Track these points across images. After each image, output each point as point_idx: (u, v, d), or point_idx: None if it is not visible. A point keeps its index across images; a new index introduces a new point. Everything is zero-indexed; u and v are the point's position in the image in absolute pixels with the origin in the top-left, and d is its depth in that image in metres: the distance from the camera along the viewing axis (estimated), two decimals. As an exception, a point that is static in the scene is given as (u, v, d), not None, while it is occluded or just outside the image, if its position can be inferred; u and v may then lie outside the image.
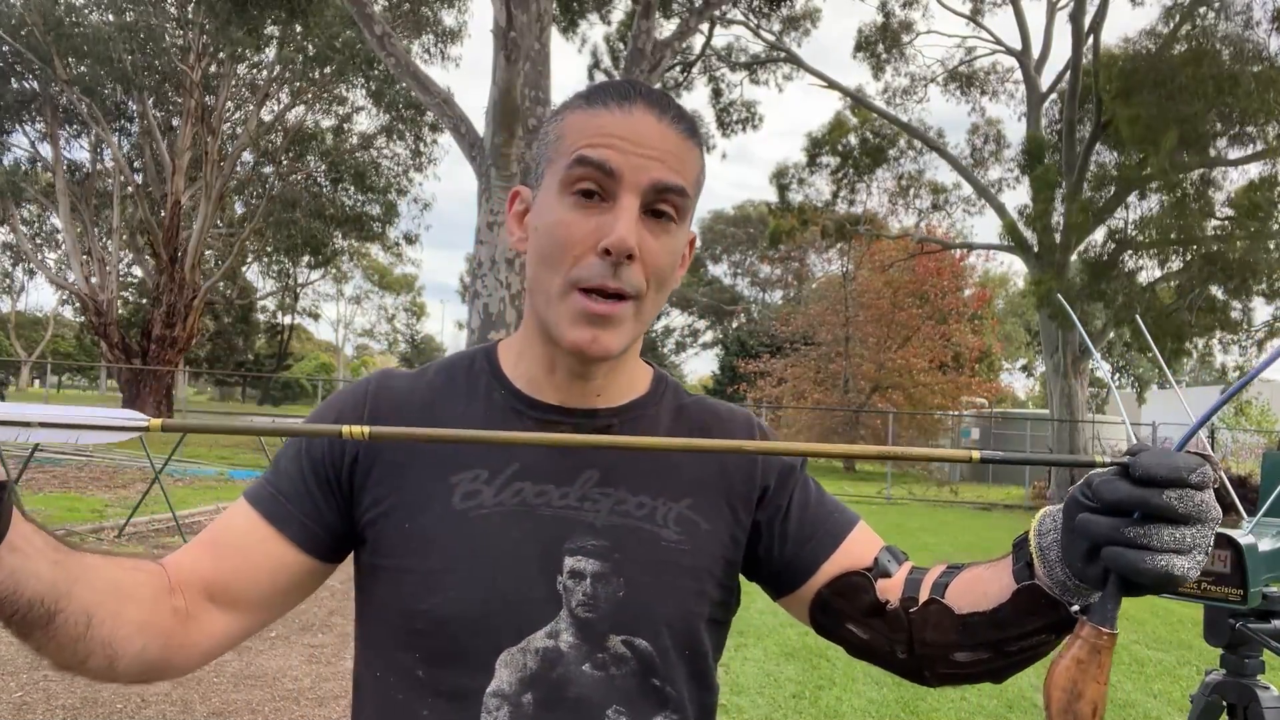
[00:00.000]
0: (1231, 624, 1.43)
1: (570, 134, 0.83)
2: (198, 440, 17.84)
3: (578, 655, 0.82)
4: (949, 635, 0.83)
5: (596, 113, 0.83)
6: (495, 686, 0.81)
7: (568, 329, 0.82)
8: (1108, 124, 16.11)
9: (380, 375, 0.94)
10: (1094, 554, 0.67)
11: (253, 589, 0.86)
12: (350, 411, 0.89)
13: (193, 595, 0.83)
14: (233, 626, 0.86)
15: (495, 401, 0.90)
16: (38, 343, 51.04)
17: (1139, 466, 0.63)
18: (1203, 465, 0.63)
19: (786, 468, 0.96)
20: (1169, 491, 0.63)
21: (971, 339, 27.76)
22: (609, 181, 0.80)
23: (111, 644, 0.75)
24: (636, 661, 0.84)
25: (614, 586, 0.83)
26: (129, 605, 0.77)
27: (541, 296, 0.84)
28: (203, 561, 0.85)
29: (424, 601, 0.82)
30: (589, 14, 15.64)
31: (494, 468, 0.86)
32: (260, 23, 12.44)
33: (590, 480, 0.86)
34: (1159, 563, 0.62)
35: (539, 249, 0.84)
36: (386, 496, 0.85)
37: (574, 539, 0.84)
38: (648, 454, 0.90)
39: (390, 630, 0.85)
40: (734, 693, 4.66)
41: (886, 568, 0.91)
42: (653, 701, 0.85)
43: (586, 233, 0.80)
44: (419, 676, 0.83)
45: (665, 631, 0.85)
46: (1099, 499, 0.66)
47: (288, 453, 0.90)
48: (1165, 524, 0.63)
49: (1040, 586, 0.75)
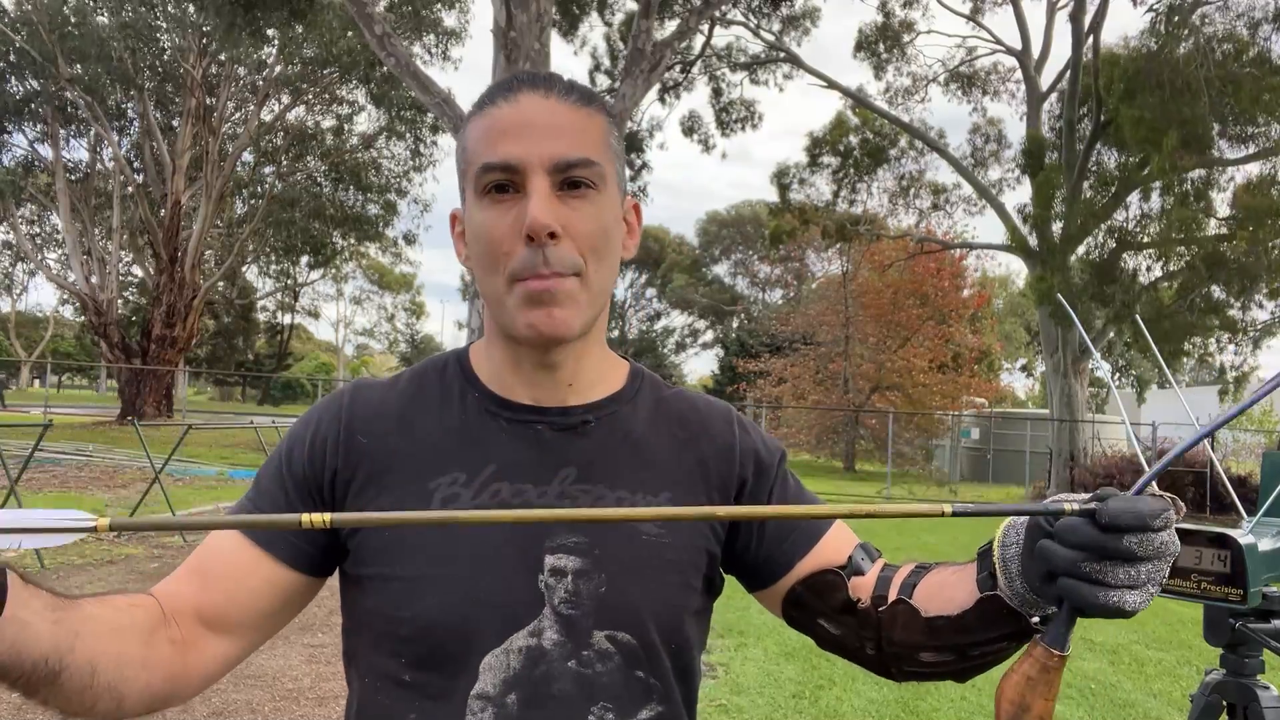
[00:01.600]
0: (1231, 624, 1.43)
1: (471, 145, 0.85)
2: (198, 440, 17.84)
3: (562, 653, 0.82)
4: (916, 636, 0.85)
5: (487, 114, 0.85)
6: (479, 689, 0.81)
7: (519, 317, 0.83)
8: (1108, 124, 16.12)
9: (354, 387, 0.94)
10: (1052, 577, 0.69)
11: (246, 612, 0.86)
12: (327, 425, 0.89)
13: (188, 624, 0.84)
14: (230, 650, 0.87)
15: (469, 404, 0.90)
16: (38, 343, 51.04)
17: (1105, 514, 0.65)
18: (1167, 509, 0.65)
19: (764, 461, 0.96)
20: (1129, 536, 0.65)
21: (971, 339, 27.77)
22: (515, 176, 0.82)
23: (117, 686, 0.76)
24: (621, 656, 0.84)
25: (596, 582, 0.83)
26: (130, 645, 0.78)
27: (491, 300, 0.85)
28: (193, 589, 0.85)
29: (407, 608, 0.82)
30: (588, 15, 15.64)
31: (471, 470, 0.86)
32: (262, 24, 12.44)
33: (568, 478, 0.87)
34: (1111, 598, 0.65)
35: (476, 257, 0.85)
36: (366, 506, 0.86)
37: (554, 537, 0.84)
38: (625, 448, 0.90)
39: (375, 637, 0.85)
40: (734, 693, 4.65)
41: (860, 565, 0.92)
42: (638, 695, 0.85)
43: (507, 226, 0.82)
44: (405, 681, 0.83)
45: (650, 625, 0.85)
46: (1061, 539, 0.67)
47: (269, 471, 0.90)
48: (1122, 562, 0.65)
49: (1001, 598, 0.77)
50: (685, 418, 0.95)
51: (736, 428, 0.97)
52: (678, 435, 0.94)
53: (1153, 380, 30.12)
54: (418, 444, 0.88)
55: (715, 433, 0.95)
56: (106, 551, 7.39)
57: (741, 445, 0.95)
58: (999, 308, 40.89)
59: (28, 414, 23.47)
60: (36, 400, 34.52)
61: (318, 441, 0.88)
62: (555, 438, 0.89)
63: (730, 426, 0.97)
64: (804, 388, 27.37)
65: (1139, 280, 17.24)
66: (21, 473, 7.75)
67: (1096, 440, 18.33)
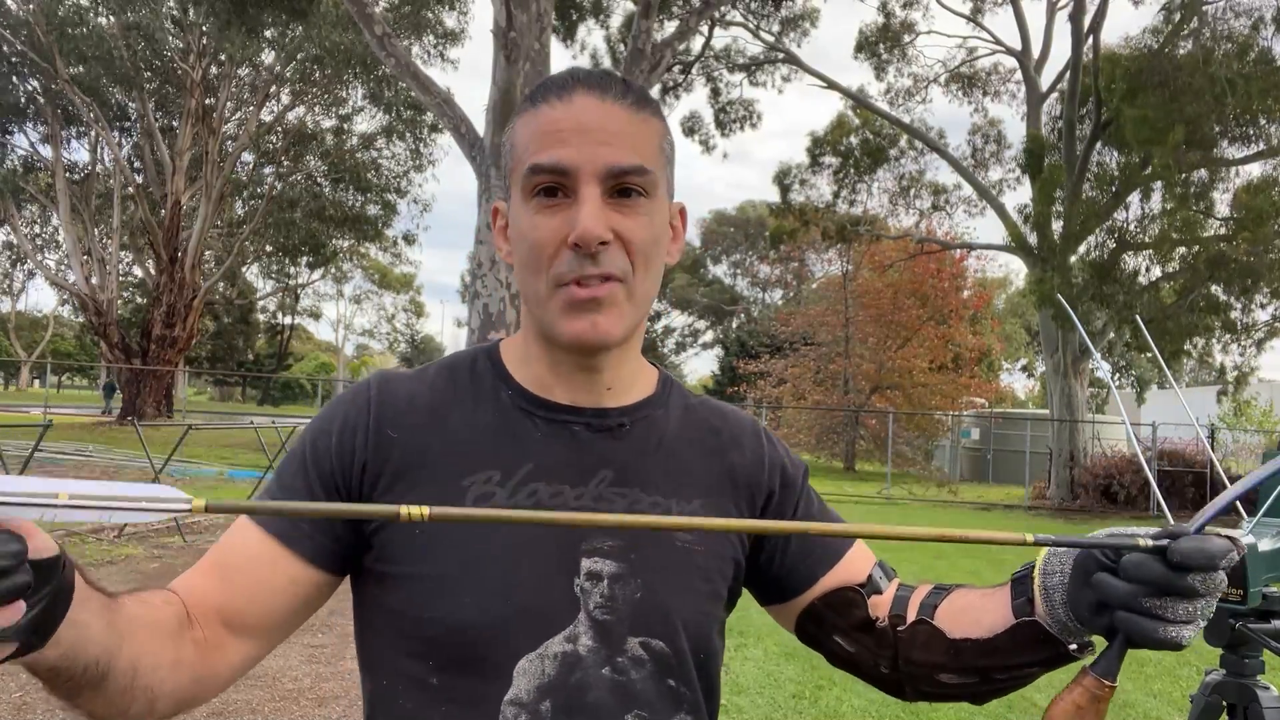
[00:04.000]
0: (1231, 624, 1.43)
1: (521, 142, 0.84)
2: (198, 440, 17.83)
3: (596, 659, 0.81)
4: (937, 657, 0.86)
5: (540, 112, 0.83)
6: (513, 694, 0.79)
7: (562, 323, 0.82)
8: (1108, 124, 16.11)
9: (380, 379, 0.91)
10: (1104, 608, 0.71)
11: (268, 612, 0.84)
12: (354, 420, 0.86)
13: (210, 625, 0.82)
14: (252, 650, 0.85)
15: (503, 402, 0.88)
16: (38, 343, 51.04)
17: (1177, 553, 0.66)
18: (1231, 550, 0.67)
19: (790, 476, 0.96)
20: (1194, 575, 0.66)
21: (971, 339, 27.76)
22: (565, 179, 0.80)
23: (152, 688, 0.75)
24: (654, 664, 0.83)
25: (631, 588, 0.82)
26: (164, 646, 0.76)
27: (533, 302, 0.84)
28: (215, 589, 0.83)
29: (437, 609, 0.80)
30: (586, 19, 15.62)
31: (507, 469, 0.84)
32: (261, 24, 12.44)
33: (605, 480, 0.86)
34: (1170, 632, 0.67)
35: (520, 258, 0.84)
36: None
37: (590, 540, 0.83)
38: (660, 453, 0.89)
39: (398, 638, 0.83)
40: (734, 693, 4.65)
41: (878, 584, 0.93)
42: (670, 704, 0.84)
43: (554, 230, 0.80)
44: (431, 684, 0.81)
45: (682, 633, 0.84)
46: (1125, 572, 0.69)
47: (290, 467, 0.87)
48: (1181, 598, 0.67)
49: (1041, 624, 0.78)
50: (715, 427, 0.95)
51: (764, 440, 0.97)
52: (708, 443, 0.93)
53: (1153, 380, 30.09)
54: (450, 440, 0.86)
55: (745, 444, 0.95)
56: (106, 551, 7.39)
57: (770, 458, 0.96)
58: (999, 308, 40.87)
59: (28, 414, 23.46)
60: (36, 400, 34.51)
61: (345, 433, 0.85)
62: (592, 439, 0.87)
63: (759, 439, 0.97)
64: (804, 388, 27.37)
65: (1139, 280, 17.23)
66: (22, 473, 7.75)
67: (1096, 440, 18.32)
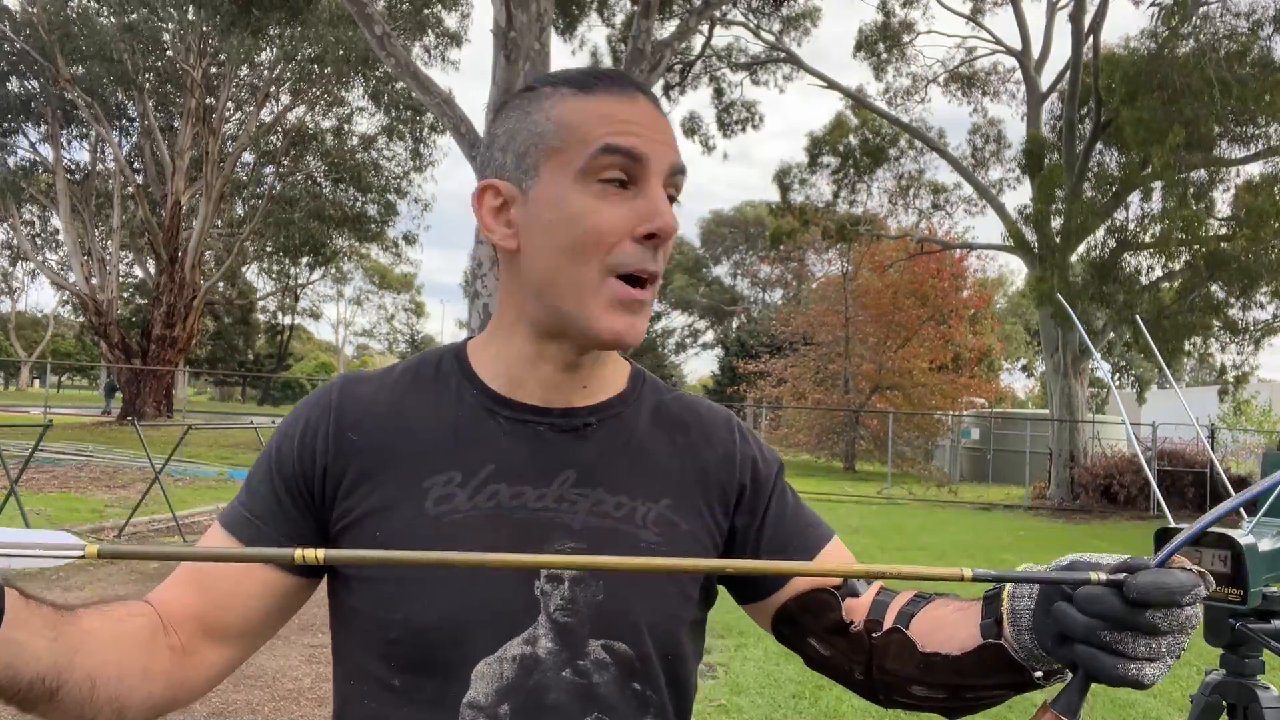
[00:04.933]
0: (1231, 624, 1.43)
1: (578, 123, 0.80)
2: (197, 440, 17.83)
3: (556, 661, 0.80)
4: (909, 668, 0.83)
5: (602, 100, 0.81)
6: (470, 697, 0.79)
7: (604, 317, 0.80)
8: (1108, 124, 16.11)
9: (343, 381, 0.90)
10: (1065, 639, 0.67)
11: (243, 617, 0.84)
12: (316, 421, 0.86)
13: (186, 631, 0.82)
14: (230, 655, 0.85)
15: (467, 401, 0.87)
16: (38, 343, 51.04)
17: (1133, 589, 0.62)
18: (1197, 585, 0.62)
19: (762, 472, 0.94)
20: (1154, 611, 0.62)
21: (971, 339, 27.76)
22: (636, 167, 0.79)
23: (119, 698, 0.75)
24: (617, 666, 0.82)
25: (593, 590, 0.81)
26: (130, 655, 0.76)
27: (568, 289, 0.80)
28: (190, 596, 0.84)
29: (398, 611, 0.80)
30: (588, 14, 15.62)
31: (469, 470, 0.83)
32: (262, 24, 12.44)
33: (568, 480, 0.84)
34: (1130, 670, 0.63)
35: (564, 241, 0.80)
36: (358, 504, 0.83)
37: (551, 542, 0.81)
38: (627, 452, 0.88)
39: (363, 640, 0.83)
40: (734, 693, 4.65)
41: (855, 587, 0.91)
42: (634, 707, 0.83)
43: (620, 218, 0.79)
44: (394, 685, 0.81)
45: (646, 635, 0.83)
46: (1080, 606, 0.65)
47: (258, 473, 0.87)
48: (1143, 634, 0.63)
49: (1006, 648, 0.75)
50: (686, 423, 0.93)
51: (737, 435, 0.95)
52: (678, 440, 0.91)
53: (1153, 380, 30.11)
54: (412, 441, 0.85)
55: (716, 439, 0.93)
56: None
57: (741, 453, 0.94)
58: (999, 308, 40.89)
59: (28, 414, 23.46)
60: (36, 400, 34.50)
61: (306, 437, 0.85)
62: (556, 439, 0.86)
63: (731, 434, 0.95)
64: (804, 388, 27.37)
65: (1139, 280, 17.23)
66: (21, 473, 7.75)
67: (1096, 440, 18.32)
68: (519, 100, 0.87)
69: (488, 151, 0.87)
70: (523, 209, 0.83)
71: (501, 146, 0.85)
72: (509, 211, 0.84)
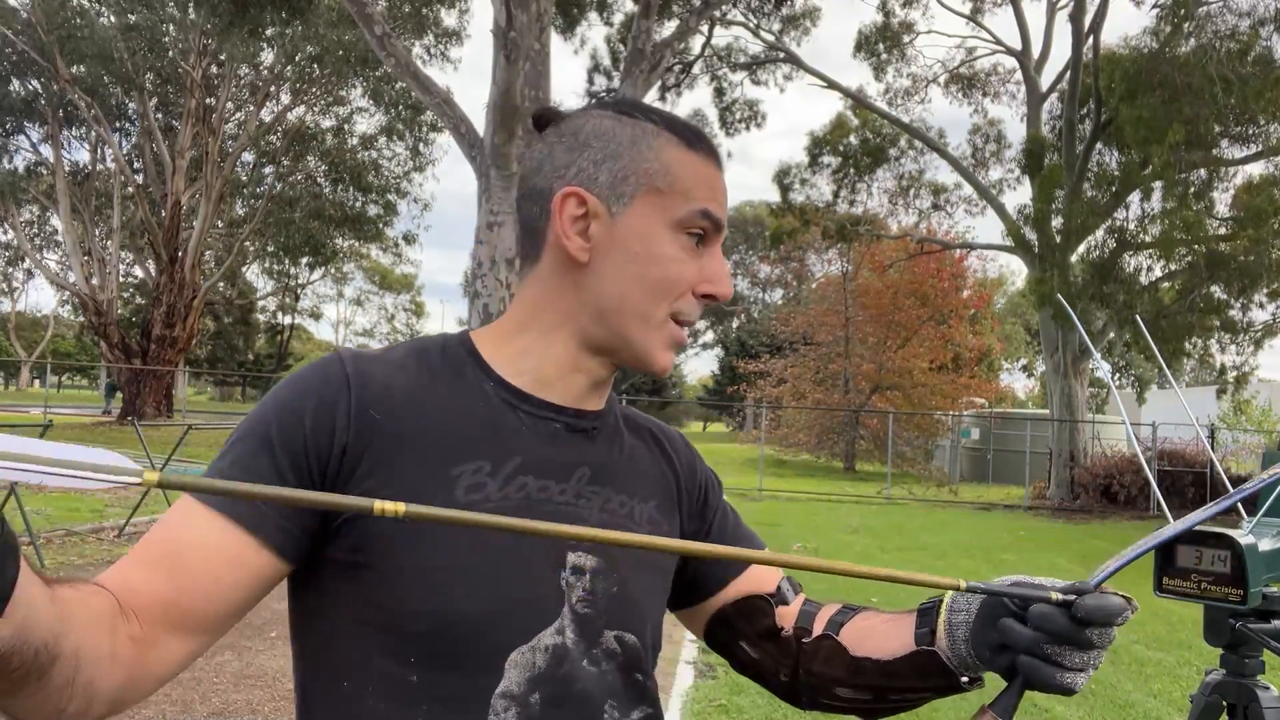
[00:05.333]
0: (1231, 624, 1.43)
1: (685, 177, 0.86)
2: (198, 440, 17.84)
3: (579, 651, 0.83)
4: (837, 671, 0.92)
5: (703, 163, 0.88)
6: (504, 687, 0.78)
7: (662, 353, 0.88)
8: (1108, 123, 16.11)
9: (352, 356, 0.84)
10: (1005, 649, 0.77)
11: (223, 608, 0.76)
12: (332, 398, 0.80)
13: (149, 620, 0.73)
14: (191, 648, 0.77)
15: (486, 392, 0.87)
16: (38, 343, 51.04)
17: (1082, 609, 0.73)
18: (1127, 610, 0.73)
19: (714, 486, 1.04)
20: (1092, 629, 0.74)
21: (971, 339, 27.77)
22: (713, 233, 0.88)
23: (92, 683, 0.67)
24: (624, 656, 0.86)
25: (610, 582, 0.85)
26: (100, 639, 0.68)
27: (636, 320, 0.86)
28: (161, 583, 0.74)
29: (427, 602, 0.77)
30: (588, 14, 15.63)
31: (497, 461, 0.83)
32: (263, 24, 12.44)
33: (584, 478, 0.88)
34: (1066, 679, 0.74)
35: (647, 277, 0.85)
36: (379, 489, 0.78)
37: None
38: (623, 455, 0.94)
39: (371, 634, 0.78)
40: (734, 693, 4.66)
41: (785, 596, 0.99)
42: (634, 695, 0.87)
43: (693, 273, 0.86)
44: (411, 682, 0.77)
45: (648, 627, 0.88)
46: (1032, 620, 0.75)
47: (247, 447, 0.78)
48: (1078, 648, 0.74)
49: (939, 656, 0.84)
50: (654, 435, 1.01)
51: (692, 450, 1.05)
52: (652, 449, 0.99)
53: (1153, 380, 30.12)
54: (434, 427, 0.82)
55: (679, 450, 1.02)
56: (108, 552, 7.39)
57: (700, 467, 1.03)
58: (999, 308, 40.89)
59: (28, 414, 23.47)
60: (36, 400, 34.50)
61: (322, 412, 0.79)
62: (570, 438, 0.89)
63: (689, 447, 1.04)
64: (804, 388, 27.38)
65: (1139, 280, 17.23)
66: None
67: (1096, 440, 18.32)
68: (622, 123, 0.87)
69: (571, 154, 0.86)
70: (606, 230, 0.84)
71: (595, 160, 0.85)
72: (588, 224, 0.85)
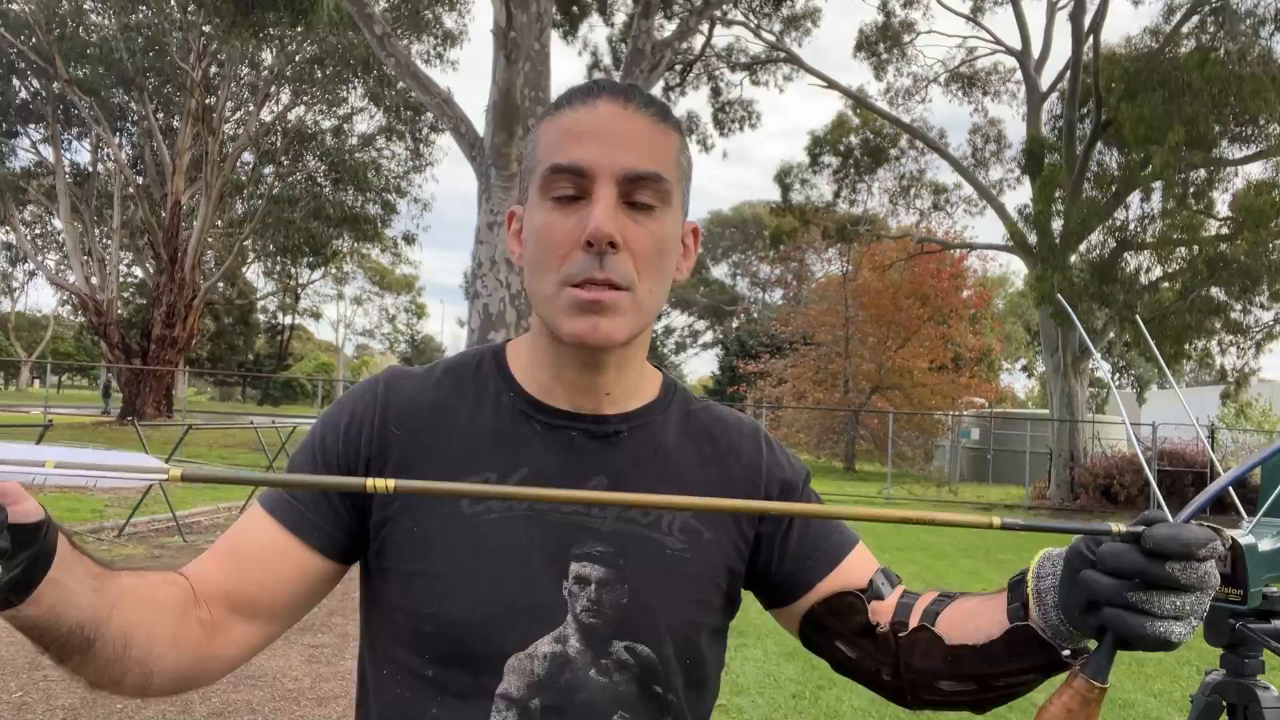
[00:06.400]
0: (1231, 624, 1.43)
1: (542, 144, 0.85)
2: (197, 440, 17.83)
3: (584, 661, 0.83)
4: (936, 664, 0.85)
5: (563, 115, 0.85)
6: (503, 689, 0.82)
7: (565, 323, 0.82)
8: (1108, 123, 16.11)
9: (389, 376, 0.93)
10: (1093, 606, 0.69)
11: (276, 598, 0.87)
12: (362, 416, 0.89)
13: (217, 607, 0.84)
14: (256, 635, 0.87)
15: (504, 404, 0.90)
16: (38, 343, 51.02)
17: (1151, 539, 0.65)
18: (1213, 539, 0.64)
19: (789, 482, 0.96)
20: (1173, 563, 0.64)
21: (971, 339, 27.75)
22: (583, 181, 0.81)
23: (147, 661, 0.77)
24: (638, 668, 0.85)
25: (618, 593, 0.84)
26: (162, 622, 0.78)
27: (539, 300, 0.85)
28: (225, 573, 0.86)
29: (432, 605, 0.83)
30: (589, 15, 15.62)
31: (503, 472, 0.86)
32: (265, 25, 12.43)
33: (598, 486, 0.87)
34: (1158, 629, 0.65)
35: (530, 256, 0.85)
36: (396, 499, 0.85)
37: (580, 545, 0.84)
38: (655, 461, 0.90)
39: (398, 632, 0.85)
40: (734, 693, 4.66)
41: (880, 590, 0.92)
42: (653, 708, 0.85)
43: (568, 230, 0.81)
44: (428, 676, 0.83)
45: (667, 639, 0.86)
46: (1103, 563, 0.67)
47: (301, 457, 0.90)
48: (1167, 591, 0.65)
49: (1034, 629, 0.77)
50: (713, 433, 0.95)
51: (764, 447, 0.97)
52: (705, 451, 0.94)
53: (1153, 380, 30.08)
54: (450, 441, 0.88)
55: (742, 451, 0.95)
56: (106, 551, 7.40)
57: (768, 465, 0.96)
58: (999, 308, 40.86)
59: (28, 414, 23.46)
60: (36, 400, 34.49)
61: (352, 429, 0.88)
62: (589, 445, 0.88)
63: (758, 446, 0.97)
64: (804, 388, 27.36)
65: (1139, 280, 17.23)
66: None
67: (1096, 440, 18.32)
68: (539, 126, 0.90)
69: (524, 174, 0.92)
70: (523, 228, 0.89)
71: (526, 173, 0.90)
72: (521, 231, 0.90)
